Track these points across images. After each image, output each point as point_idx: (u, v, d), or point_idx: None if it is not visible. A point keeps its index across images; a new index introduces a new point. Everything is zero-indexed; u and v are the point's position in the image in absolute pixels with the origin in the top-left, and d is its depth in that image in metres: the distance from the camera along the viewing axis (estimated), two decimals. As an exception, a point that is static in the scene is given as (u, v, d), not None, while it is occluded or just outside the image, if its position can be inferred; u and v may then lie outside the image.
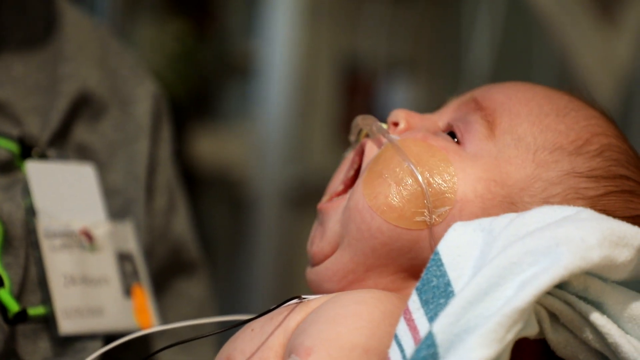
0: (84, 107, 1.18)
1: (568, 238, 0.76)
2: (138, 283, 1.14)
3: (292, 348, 0.83)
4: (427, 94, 3.65)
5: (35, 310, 1.03)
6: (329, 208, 0.95)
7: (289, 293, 0.91)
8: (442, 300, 0.79)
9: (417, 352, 0.75)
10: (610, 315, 0.80)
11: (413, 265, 0.89)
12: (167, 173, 1.27)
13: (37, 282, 1.04)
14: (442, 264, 0.81)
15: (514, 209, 0.88)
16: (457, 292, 0.79)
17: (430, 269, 0.81)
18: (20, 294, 1.02)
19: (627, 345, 0.78)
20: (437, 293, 0.79)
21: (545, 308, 0.79)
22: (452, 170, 0.89)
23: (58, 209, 1.09)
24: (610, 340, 0.78)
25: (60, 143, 1.14)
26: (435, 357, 0.74)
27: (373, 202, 0.89)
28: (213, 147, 3.89)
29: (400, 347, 0.78)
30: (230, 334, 0.92)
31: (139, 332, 1.00)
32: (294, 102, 3.66)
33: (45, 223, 1.06)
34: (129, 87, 1.25)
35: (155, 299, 1.17)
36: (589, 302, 0.79)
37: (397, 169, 0.90)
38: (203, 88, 4.01)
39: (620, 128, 0.95)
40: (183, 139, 3.50)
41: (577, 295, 0.79)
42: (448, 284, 0.80)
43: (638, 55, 2.64)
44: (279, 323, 0.87)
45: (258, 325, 0.89)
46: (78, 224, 1.10)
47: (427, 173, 0.89)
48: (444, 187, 0.89)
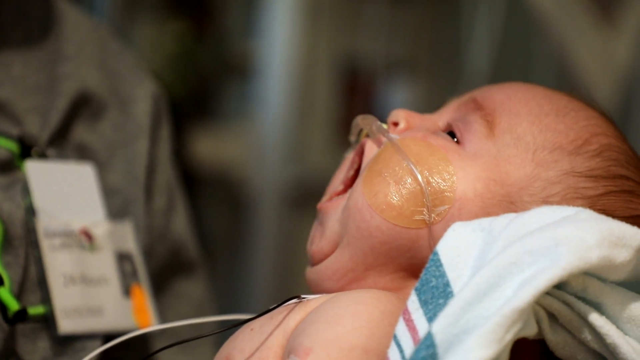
0: (84, 106, 1.18)
1: (567, 238, 0.76)
2: (137, 283, 1.14)
3: (291, 348, 0.83)
4: (426, 94, 3.65)
5: (35, 310, 1.03)
6: (329, 207, 0.95)
7: (289, 293, 0.91)
8: (441, 301, 0.79)
9: (416, 352, 0.75)
10: (609, 316, 0.80)
11: (412, 264, 0.89)
12: (166, 173, 1.27)
13: (36, 281, 1.04)
14: (441, 264, 0.81)
15: (513, 208, 0.88)
16: (456, 292, 0.79)
17: (429, 269, 0.81)
18: (20, 294, 1.02)
19: (625, 346, 0.78)
20: (436, 293, 0.79)
21: (544, 308, 0.79)
22: (451, 169, 0.89)
23: (58, 209, 1.09)
24: (609, 341, 0.78)
25: (60, 143, 1.14)
26: (435, 357, 0.74)
27: (372, 200, 0.89)
28: (212, 147, 3.89)
29: (400, 347, 0.78)
30: (230, 334, 0.92)
31: (138, 331, 1.00)
32: (294, 102, 3.66)
33: (45, 222, 1.06)
34: (129, 87, 1.25)
35: (155, 299, 1.17)
36: (588, 302, 0.79)
37: (396, 168, 0.90)
38: (202, 88, 4.02)
39: (620, 128, 0.95)
40: (182, 139, 3.50)
41: (575, 296, 0.79)
42: (447, 285, 0.80)
43: (637, 56, 2.64)
44: (279, 323, 0.87)
45: (257, 325, 0.89)
46: (78, 224, 1.10)
47: (426, 172, 0.89)
48: (443, 186, 0.89)
